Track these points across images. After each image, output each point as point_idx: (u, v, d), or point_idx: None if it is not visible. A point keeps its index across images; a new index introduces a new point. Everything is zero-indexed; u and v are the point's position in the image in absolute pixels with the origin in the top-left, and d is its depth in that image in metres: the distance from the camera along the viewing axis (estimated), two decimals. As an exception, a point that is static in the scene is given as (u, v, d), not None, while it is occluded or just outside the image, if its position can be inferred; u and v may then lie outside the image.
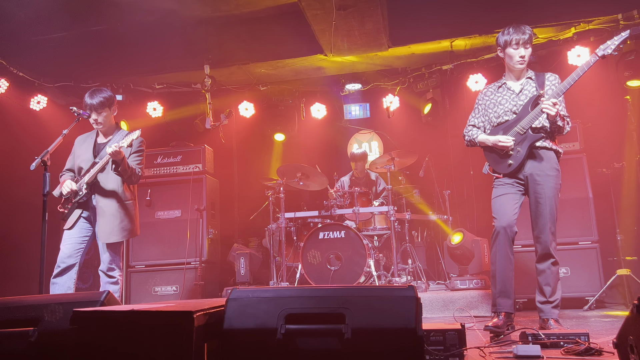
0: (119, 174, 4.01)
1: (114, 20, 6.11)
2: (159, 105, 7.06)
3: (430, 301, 5.12)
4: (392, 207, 5.65)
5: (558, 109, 3.41)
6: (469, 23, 5.83)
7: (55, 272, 3.94)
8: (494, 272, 3.59)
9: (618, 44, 3.36)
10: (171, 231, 6.37)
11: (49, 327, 2.31)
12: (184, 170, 6.58)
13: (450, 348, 2.64)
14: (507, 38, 3.60)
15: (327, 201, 5.95)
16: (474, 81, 6.32)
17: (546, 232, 3.54)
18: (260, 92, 7.25)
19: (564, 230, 4.99)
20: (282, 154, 7.52)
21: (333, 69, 6.83)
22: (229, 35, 6.42)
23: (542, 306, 3.58)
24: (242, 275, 6.15)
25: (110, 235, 4.03)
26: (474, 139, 3.83)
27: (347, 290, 2.21)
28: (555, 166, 3.61)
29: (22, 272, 5.99)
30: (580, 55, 5.64)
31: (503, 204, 3.61)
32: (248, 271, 6.17)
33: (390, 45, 6.10)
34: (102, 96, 4.11)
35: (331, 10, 5.15)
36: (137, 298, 6.25)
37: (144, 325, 2.05)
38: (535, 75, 3.71)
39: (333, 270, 5.40)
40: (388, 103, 6.92)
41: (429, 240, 6.79)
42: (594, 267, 5.29)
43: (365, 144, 8.09)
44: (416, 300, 2.10)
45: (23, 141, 6.33)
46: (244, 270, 6.16)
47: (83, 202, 4.08)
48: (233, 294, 2.25)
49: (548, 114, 3.43)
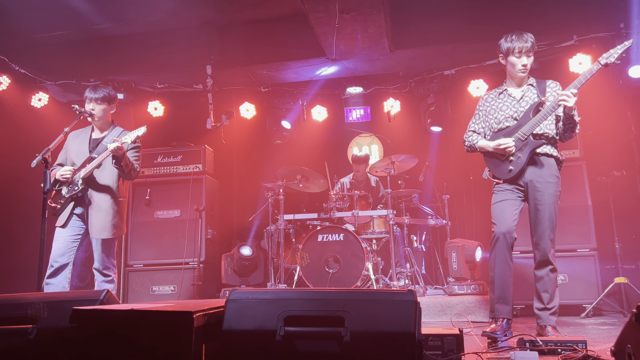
0: (120, 169, 3.98)
1: (117, 19, 6.13)
2: (160, 105, 7.06)
3: (428, 306, 5.12)
4: (391, 210, 5.66)
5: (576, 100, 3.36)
6: (471, 29, 5.85)
7: (49, 272, 3.91)
8: (493, 278, 3.59)
9: (621, 52, 3.36)
10: (170, 231, 6.36)
11: (48, 325, 2.31)
12: (184, 170, 6.58)
13: (448, 353, 2.64)
14: (509, 45, 3.60)
15: (327, 204, 5.95)
16: (475, 87, 6.34)
17: (545, 238, 3.54)
18: (262, 94, 7.25)
19: (562, 237, 5.00)
20: (282, 156, 7.53)
21: (335, 72, 6.84)
22: (231, 36, 6.44)
23: (540, 313, 3.59)
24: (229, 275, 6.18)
25: (102, 231, 4.01)
26: (474, 144, 3.83)
27: (347, 294, 2.21)
28: (555, 173, 3.61)
29: (21, 270, 5.97)
30: (581, 63, 5.65)
31: (503, 210, 3.61)
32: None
33: (393, 49, 6.11)
34: (105, 91, 4.13)
35: (334, 13, 5.17)
36: (135, 297, 6.24)
37: (143, 324, 2.05)
38: (536, 82, 3.72)
39: (331, 273, 5.40)
40: (389, 107, 6.93)
41: (428, 244, 6.80)
42: (592, 274, 5.29)
43: (365, 147, 8.10)
44: (416, 305, 2.10)
45: (24, 138, 6.34)
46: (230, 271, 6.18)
47: (77, 198, 4.05)
48: (232, 295, 2.25)
49: (565, 105, 3.37)
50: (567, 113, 3.45)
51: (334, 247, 5.49)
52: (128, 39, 6.45)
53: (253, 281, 6.26)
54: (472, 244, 5.71)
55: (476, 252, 5.63)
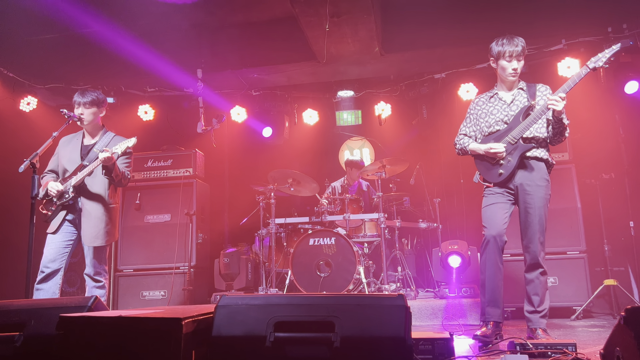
0: (110, 179, 3.98)
1: (107, 22, 6.09)
2: (151, 109, 7.03)
3: (419, 309, 5.12)
4: (382, 214, 5.66)
5: (565, 104, 3.37)
6: (461, 33, 5.87)
7: (40, 278, 3.87)
8: (483, 281, 3.60)
9: (609, 56, 3.39)
10: (160, 235, 6.32)
11: (35, 332, 2.28)
12: (174, 174, 6.55)
13: (438, 357, 2.64)
14: (500, 49, 3.62)
15: (318, 207, 5.94)
16: (465, 90, 6.38)
17: (535, 241, 3.55)
18: (253, 97, 7.24)
19: (552, 240, 5.02)
20: (273, 160, 7.51)
21: (325, 76, 6.84)
22: (222, 39, 6.42)
23: (530, 316, 3.59)
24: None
25: (95, 239, 3.98)
26: (465, 147, 3.85)
27: (337, 299, 2.21)
28: (545, 176, 3.63)
29: (8, 276, 5.91)
30: (570, 67, 5.70)
31: (493, 213, 3.63)
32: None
33: (383, 53, 6.13)
34: (94, 94, 4.11)
35: (325, 17, 5.17)
36: (125, 302, 6.19)
37: (131, 331, 2.04)
38: (526, 85, 3.74)
39: (323, 277, 5.39)
40: (380, 110, 6.94)
41: (419, 247, 6.81)
42: (582, 277, 5.32)
43: (356, 151, 8.11)
44: (406, 310, 2.10)
45: (12, 142, 6.26)
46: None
47: (69, 205, 4.03)
48: (222, 301, 2.23)
49: (554, 110, 3.39)
50: (556, 117, 3.47)
51: (325, 250, 5.48)
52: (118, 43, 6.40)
53: (237, 285, 6.23)
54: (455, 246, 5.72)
55: (450, 259, 5.67)
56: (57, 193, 3.97)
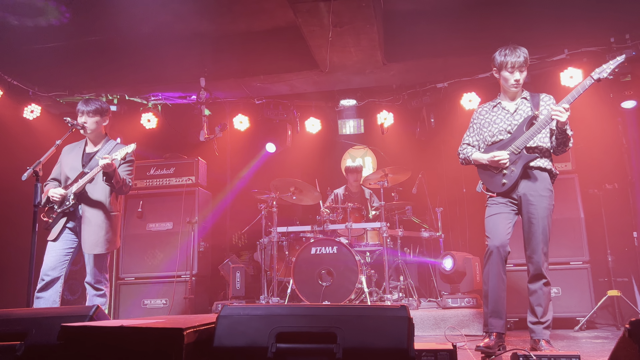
0: (111, 186, 3.97)
1: (110, 31, 6.13)
2: (154, 117, 7.04)
3: (422, 319, 5.09)
4: (384, 223, 5.65)
5: (569, 115, 3.37)
6: (464, 42, 5.89)
7: (40, 286, 3.85)
8: (487, 292, 3.58)
9: (614, 67, 3.37)
10: (162, 243, 6.31)
11: (37, 342, 2.27)
12: (177, 182, 6.55)
13: (441, 369, 2.61)
14: (502, 60, 3.61)
15: (320, 216, 5.93)
16: (468, 99, 6.37)
17: (539, 252, 3.53)
18: (255, 106, 7.25)
19: (555, 250, 5.00)
20: (275, 168, 7.52)
21: (328, 84, 6.86)
22: (225, 48, 6.45)
23: (533, 327, 3.57)
24: (237, 289, 6.06)
25: (95, 247, 3.97)
26: (469, 157, 3.84)
27: (339, 310, 2.19)
28: (548, 187, 3.62)
29: (10, 285, 5.90)
30: (573, 77, 5.70)
31: (496, 224, 3.61)
32: (244, 285, 6.10)
33: (385, 62, 6.14)
34: (97, 103, 4.12)
35: (328, 27, 5.19)
36: (126, 311, 6.17)
37: (133, 341, 2.02)
38: (530, 95, 3.74)
39: (324, 286, 5.37)
40: (382, 119, 6.95)
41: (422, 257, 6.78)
42: (585, 287, 5.29)
43: (359, 159, 8.11)
44: (408, 321, 2.08)
45: (15, 150, 6.28)
46: (240, 285, 6.08)
47: (69, 212, 4.02)
48: (224, 311, 2.22)
49: (558, 120, 3.39)
50: (560, 127, 3.46)
51: (327, 259, 5.46)
52: (121, 52, 6.43)
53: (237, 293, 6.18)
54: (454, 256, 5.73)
55: (444, 262, 5.67)
56: (60, 198, 3.97)
